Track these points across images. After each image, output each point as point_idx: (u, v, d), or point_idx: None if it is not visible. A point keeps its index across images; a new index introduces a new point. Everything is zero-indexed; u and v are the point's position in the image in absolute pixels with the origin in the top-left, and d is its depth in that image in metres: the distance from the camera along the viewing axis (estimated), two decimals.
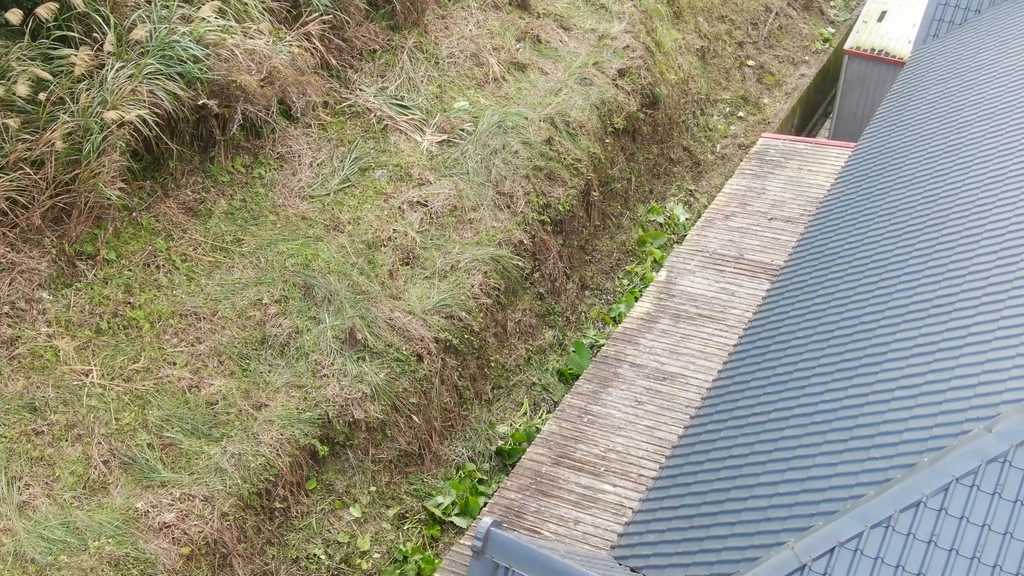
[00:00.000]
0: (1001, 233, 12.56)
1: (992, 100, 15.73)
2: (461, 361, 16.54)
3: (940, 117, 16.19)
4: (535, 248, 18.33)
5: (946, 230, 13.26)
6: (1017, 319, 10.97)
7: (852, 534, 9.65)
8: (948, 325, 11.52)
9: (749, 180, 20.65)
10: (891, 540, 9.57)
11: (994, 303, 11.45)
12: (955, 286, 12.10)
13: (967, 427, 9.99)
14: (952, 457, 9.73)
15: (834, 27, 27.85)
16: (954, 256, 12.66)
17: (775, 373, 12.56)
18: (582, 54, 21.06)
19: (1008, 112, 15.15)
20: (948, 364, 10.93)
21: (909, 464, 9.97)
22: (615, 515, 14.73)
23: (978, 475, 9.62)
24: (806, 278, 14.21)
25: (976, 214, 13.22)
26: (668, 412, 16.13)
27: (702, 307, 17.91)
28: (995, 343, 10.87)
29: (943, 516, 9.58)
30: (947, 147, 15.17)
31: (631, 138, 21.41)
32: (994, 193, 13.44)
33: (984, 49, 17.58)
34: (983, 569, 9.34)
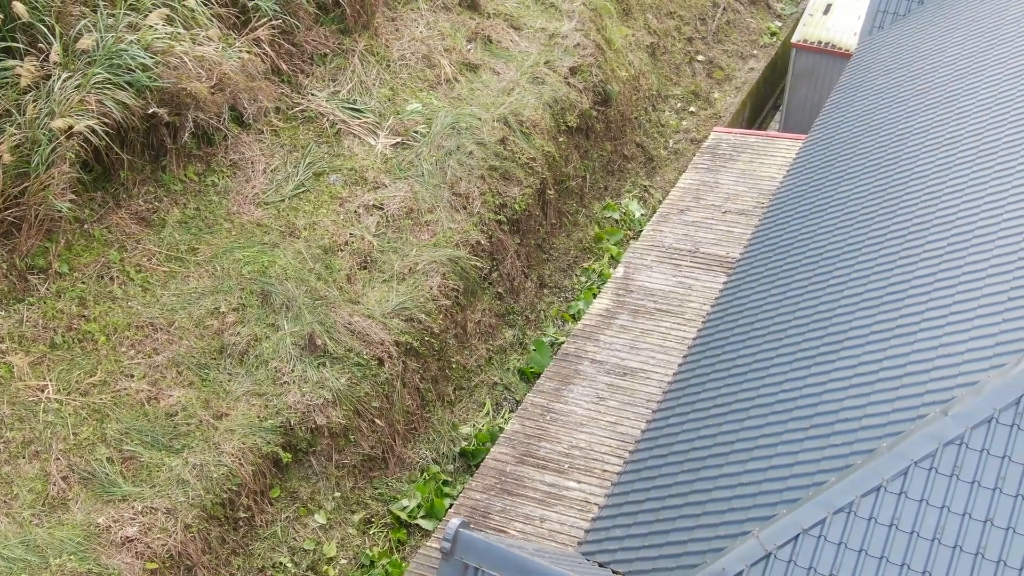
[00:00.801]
0: (950, 219, 12.78)
1: (938, 89, 15.99)
2: (422, 363, 16.51)
3: (887, 107, 16.43)
4: (492, 248, 18.35)
5: (897, 218, 13.46)
6: (969, 304, 11.16)
7: (815, 520, 9.77)
8: (902, 312, 11.69)
9: (702, 174, 20.83)
10: (853, 525, 9.71)
11: (946, 288, 11.64)
12: (908, 273, 12.29)
13: (924, 411, 10.16)
14: (910, 441, 9.89)
15: (781, 21, 28.15)
16: (906, 243, 12.85)
17: (734, 365, 12.68)
18: (533, 53, 21.11)
19: (953, 101, 15.41)
20: (903, 350, 11.10)
21: (869, 449, 10.12)
22: (581, 511, 14.81)
23: (936, 458, 9.79)
24: (762, 270, 14.36)
25: (926, 201, 13.43)
26: (630, 407, 16.24)
27: (660, 302, 18.04)
28: (948, 328, 11.06)
29: (903, 500, 9.73)
30: (895, 137, 15.40)
31: (585, 136, 21.50)
32: (942, 180, 13.67)
33: (928, 39, 17.86)
34: (943, 550, 9.50)
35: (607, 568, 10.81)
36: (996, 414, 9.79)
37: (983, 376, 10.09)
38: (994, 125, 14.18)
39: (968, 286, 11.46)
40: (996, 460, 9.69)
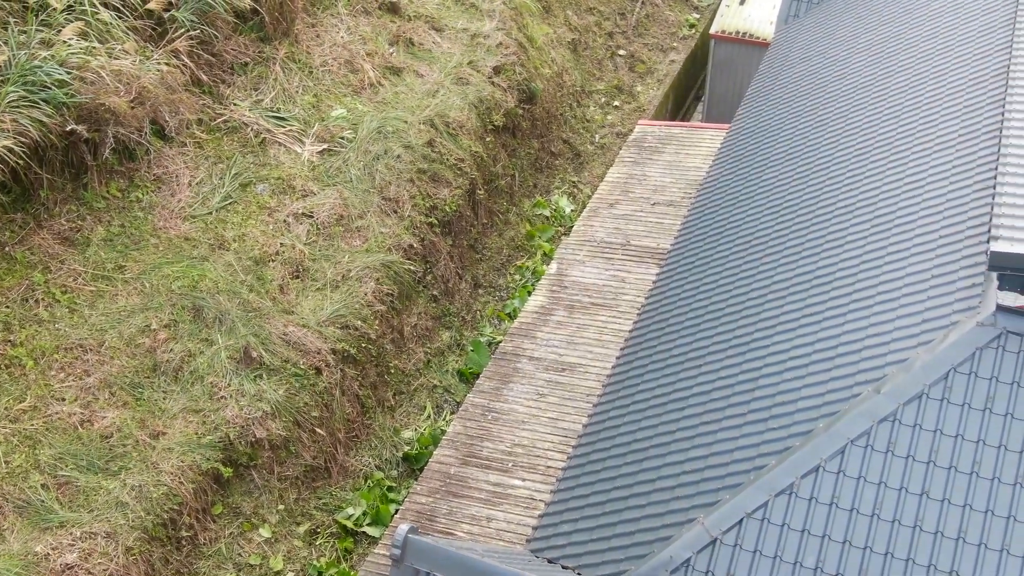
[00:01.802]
0: (873, 201, 13.06)
1: (854, 75, 16.33)
2: (360, 370, 16.42)
3: (807, 94, 16.74)
4: (425, 251, 18.31)
5: (822, 202, 13.73)
6: (895, 283, 11.43)
7: (758, 504, 9.94)
8: (831, 294, 11.93)
9: (629, 167, 21.01)
10: (795, 506, 9.89)
11: (872, 269, 11.91)
12: (835, 256, 12.54)
13: (857, 390, 10.38)
14: (845, 420, 10.10)
15: (699, 13, 28.50)
16: (831, 227, 13.11)
17: (671, 355, 12.82)
18: (456, 54, 21.10)
19: (870, 86, 15.76)
20: (834, 331, 11.33)
21: (806, 431, 10.31)
22: (527, 509, 14.86)
23: (871, 436, 10.02)
24: (693, 259, 14.54)
25: (848, 185, 13.72)
26: (570, 402, 16.34)
27: (594, 296, 18.17)
28: (876, 307, 11.31)
29: (842, 478, 9.94)
30: (816, 123, 15.70)
31: (511, 134, 21.56)
32: (863, 164, 13.97)
33: (843, 26, 18.24)
34: (883, 525, 9.73)
35: (556, 564, 10.87)
36: (926, 389, 10.06)
37: (912, 353, 10.35)
38: (910, 107, 14.54)
39: (893, 266, 11.73)
40: (928, 434, 9.95)
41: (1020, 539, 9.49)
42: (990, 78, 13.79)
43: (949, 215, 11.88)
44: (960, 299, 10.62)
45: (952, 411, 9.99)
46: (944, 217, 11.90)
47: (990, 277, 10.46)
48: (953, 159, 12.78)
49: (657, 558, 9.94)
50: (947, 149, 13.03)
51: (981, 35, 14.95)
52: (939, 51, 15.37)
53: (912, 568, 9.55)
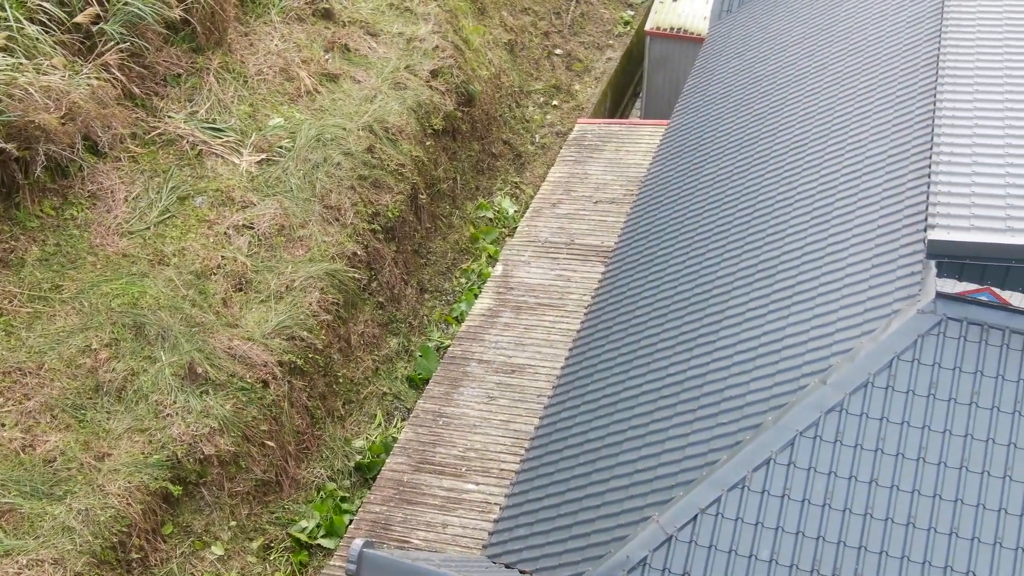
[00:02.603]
0: (812, 193, 13.22)
1: (789, 68, 16.51)
2: (308, 381, 16.25)
3: (743, 88, 16.89)
4: (369, 258, 18.18)
5: (761, 196, 13.86)
6: (836, 274, 11.57)
7: (711, 499, 10.01)
8: (775, 287, 12.05)
9: (571, 166, 21.05)
10: (748, 500, 9.97)
11: (814, 261, 12.04)
12: (776, 249, 12.67)
13: (804, 382, 10.50)
14: (793, 413, 10.21)
15: (633, 10, 28.64)
16: (772, 220, 13.24)
17: (620, 353, 12.86)
18: (393, 59, 20.98)
19: (804, 78, 15.94)
20: (779, 324, 11.44)
21: (756, 425, 10.40)
22: (482, 513, 14.81)
23: (819, 426, 10.13)
24: (637, 257, 14.60)
25: (787, 177, 13.86)
26: (521, 404, 16.32)
27: (541, 296, 18.17)
28: (819, 299, 11.45)
29: (792, 470, 10.04)
30: (753, 117, 15.85)
31: (451, 137, 21.49)
32: (801, 156, 14.13)
33: (775, 19, 18.43)
34: (834, 515, 9.85)
35: (514, 569, 10.84)
36: (871, 378, 10.20)
37: (856, 343, 10.49)
38: (844, 98, 14.73)
39: (834, 257, 11.87)
40: (875, 422, 10.09)
41: (968, 522, 9.66)
42: (921, 67, 14.02)
43: (886, 205, 12.06)
44: (900, 288, 10.78)
45: (897, 398, 10.14)
46: (881, 207, 12.08)
47: (928, 265, 10.64)
48: (888, 149, 12.97)
49: (614, 558, 9.96)
50: (882, 139, 13.23)
51: (910, 25, 15.20)
52: (870, 42, 15.59)
53: (864, 555, 9.68)
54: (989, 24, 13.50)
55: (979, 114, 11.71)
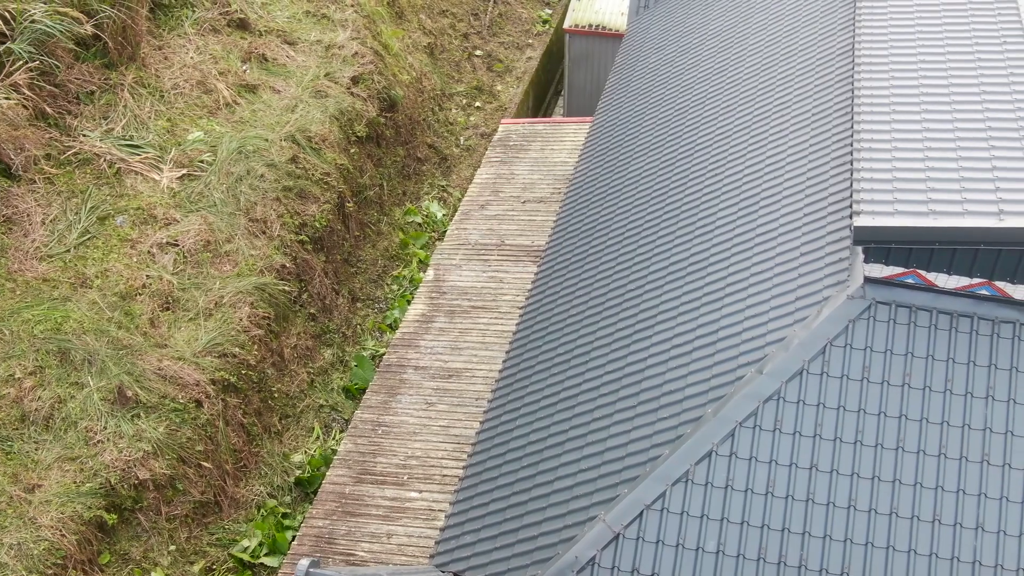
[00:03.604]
0: (738, 185, 13.35)
1: (708, 61, 16.67)
2: (243, 398, 15.98)
3: (664, 83, 17.01)
4: (299, 269, 17.94)
5: (689, 190, 13.96)
6: (767, 263, 11.69)
7: (656, 495, 10.03)
8: (707, 279, 12.14)
9: (497, 167, 21.03)
10: (692, 493, 10.02)
11: (743, 251, 12.16)
12: (706, 241, 12.77)
13: (740, 372, 10.58)
14: (732, 404, 10.29)
15: (551, 8, 28.70)
16: (700, 213, 13.34)
17: (557, 352, 12.85)
18: (312, 67, 20.73)
19: (724, 71, 16.10)
20: (713, 316, 11.53)
21: (696, 418, 10.46)
22: (426, 521, 14.72)
23: (758, 416, 10.22)
24: (569, 255, 14.61)
25: (713, 170, 13.98)
26: (460, 408, 16.25)
27: (474, 299, 18.12)
28: (751, 289, 11.56)
29: (734, 460, 10.12)
30: (676, 111, 15.97)
31: (376, 144, 21.31)
32: (725, 148, 14.26)
33: (692, 13, 18.60)
34: (777, 502, 9.94)
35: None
36: (806, 365, 10.32)
37: (789, 331, 10.61)
38: (764, 89, 14.91)
39: (763, 247, 12.00)
40: (812, 409, 10.21)
41: (907, 501, 9.83)
42: (837, 56, 14.25)
43: (811, 194, 12.23)
44: (829, 274, 10.93)
45: (832, 384, 10.28)
46: (807, 196, 12.24)
47: (855, 251, 10.80)
48: (809, 138, 13.15)
49: (562, 559, 9.94)
50: (803, 129, 13.41)
51: (825, 14, 15.44)
52: (786, 33, 15.81)
53: (808, 540, 9.79)
54: (901, 11, 13.77)
55: (896, 100, 11.92)
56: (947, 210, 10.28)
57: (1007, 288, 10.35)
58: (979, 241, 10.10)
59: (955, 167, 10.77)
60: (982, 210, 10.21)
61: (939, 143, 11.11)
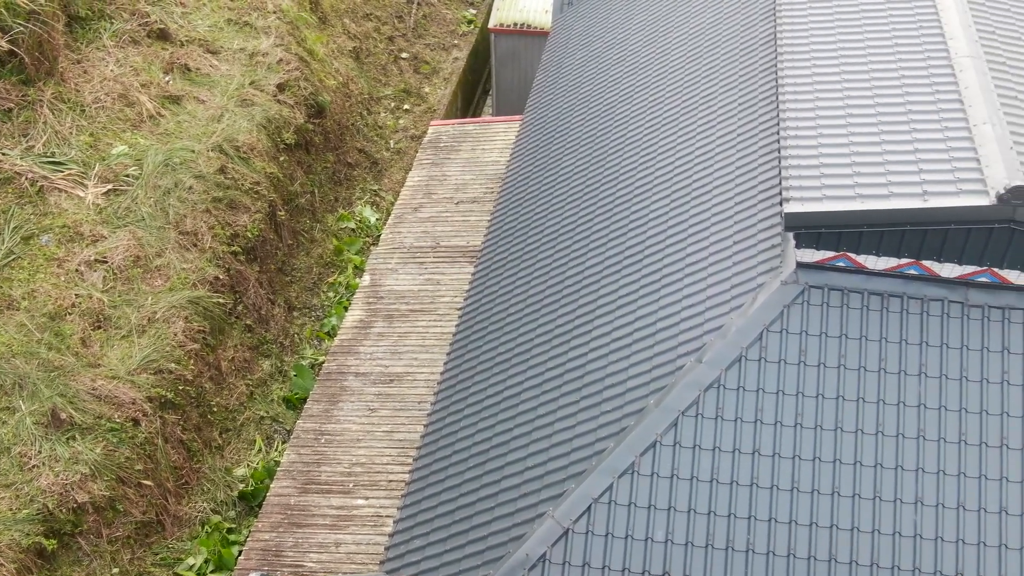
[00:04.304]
0: (669, 177, 13.47)
1: (634, 56, 16.80)
2: (181, 414, 15.73)
3: (592, 79, 17.10)
4: (232, 281, 17.71)
5: (621, 184, 14.06)
6: (701, 253, 11.82)
7: (603, 488, 10.09)
8: (643, 272, 12.23)
9: (428, 169, 20.97)
10: (638, 484, 10.09)
11: (677, 243, 12.27)
12: (640, 234, 12.86)
13: (681, 362, 10.69)
14: (674, 394, 10.38)
15: (475, 8, 28.70)
16: (633, 206, 13.44)
17: (498, 352, 12.86)
18: (236, 76, 20.47)
19: (650, 65, 16.24)
20: (651, 308, 11.62)
21: (639, 409, 10.54)
22: (375, 528, 14.63)
23: (699, 404, 10.33)
24: (505, 254, 14.62)
25: (643, 164, 14.10)
26: (403, 413, 16.18)
27: (412, 302, 18.04)
28: (686, 279, 11.67)
29: (678, 450, 10.21)
30: (604, 106, 16.06)
31: (305, 151, 21.12)
32: (654, 141, 14.39)
33: (616, 9, 18.73)
34: (722, 488, 10.05)
35: None
36: (744, 352, 10.45)
37: (726, 319, 10.74)
38: (690, 81, 15.07)
39: (697, 237, 12.13)
40: (752, 395, 10.34)
41: (847, 481, 10.01)
42: (760, 46, 14.45)
43: (741, 183, 12.38)
44: (763, 261, 11.09)
45: (770, 369, 10.42)
46: (737, 185, 12.39)
47: (787, 237, 10.96)
48: (737, 128, 13.32)
49: (513, 558, 9.94)
50: (730, 119, 13.58)
51: (746, 4, 15.64)
52: (710, 24, 15.99)
53: (754, 524, 9.91)
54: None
55: (819, 88, 12.13)
56: (873, 193, 10.48)
57: (934, 267, 10.59)
58: (905, 222, 10.32)
59: (879, 151, 10.99)
60: (907, 192, 10.43)
61: (863, 128, 11.33)
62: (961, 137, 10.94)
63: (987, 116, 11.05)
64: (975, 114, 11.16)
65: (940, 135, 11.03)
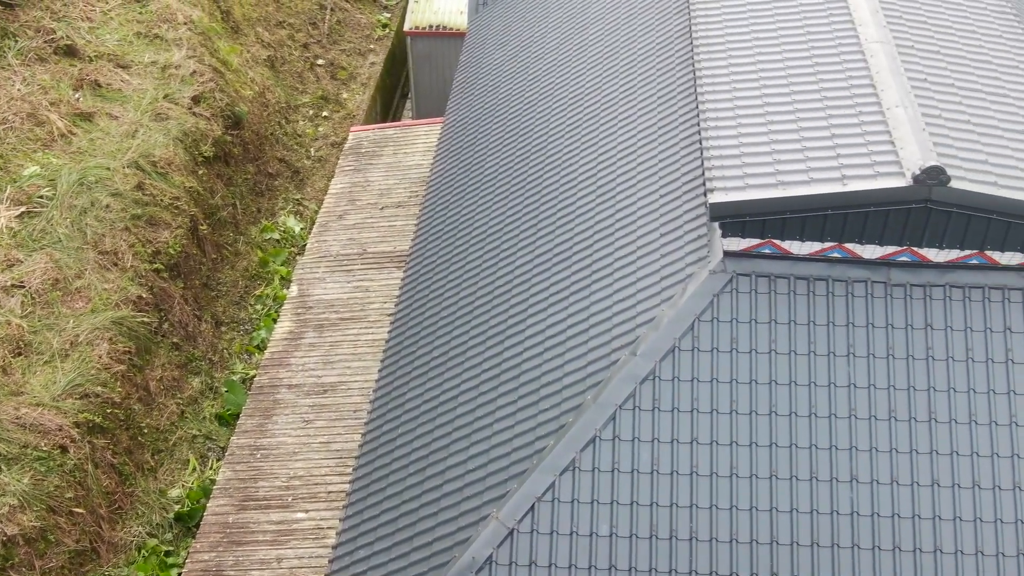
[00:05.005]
0: (593, 172, 13.55)
1: (552, 53, 16.86)
2: (111, 438, 15.38)
3: (511, 78, 17.13)
4: (157, 299, 17.37)
5: (546, 181, 14.10)
6: (629, 247, 11.91)
7: (545, 486, 10.11)
8: (573, 268, 12.28)
9: (351, 176, 20.81)
10: (580, 480, 10.14)
11: (606, 237, 12.35)
12: (568, 230, 12.92)
13: (615, 356, 10.75)
14: (610, 388, 10.45)
15: (389, 12, 28.56)
16: (559, 204, 13.49)
17: (433, 356, 12.80)
18: (149, 90, 20.07)
19: (568, 61, 16.31)
20: (583, 304, 11.67)
21: (577, 406, 10.58)
22: (317, 540, 14.48)
23: (636, 397, 10.41)
24: (434, 257, 14.57)
25: (567, 161, 14.16)
26: (339, 423, 16.03)
27: (341, 311, 17.89)
28: (616, 274, 11.75)
29: (617, 443, 10.28)
30: (525, 105, 16.10)
31: (224, 163, 20.80)
32: (576, 138, 14.45)
33: (532, 7, 18.78)
34: (663, 479, 10.15)
35: None
36: (677, 343, 10.56)
37: (658, 311, 10.83)
38: (609, 76, 15.17)
39: (624, 231, 12.22)
40: (687, 384, 10.45)
41: (784, 463, 10.17)
42: (675, 38, 14.61)
43: (665, 175, 12.51)
44: (690, 252, 11.21)
45: (703, 358, 10.54)
46: (660, 178, 12.51)
47: (713, 227, 11.10)
48: (658, 121, 13.45)
49: (460, 562, 9.92)
50: (650, 112, 13.70)
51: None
52: (625, 19, 16.12)
53: (696, 513, 10.02)
54: None
55: (736, 78, 12.30)
56: (794, 180, 10.67)
57: (856, 249, 10.81)
58: (826, 207, 10.52)
59: (797, 138, 11.18)
60: (826, 176, 10.63)
61: (781, 116, 11.52)
62: (875, 121, 11.19)
63: (899, 99, 11.32)
64: (887, 98, 11.42)
65: (855, 120, 11.26)
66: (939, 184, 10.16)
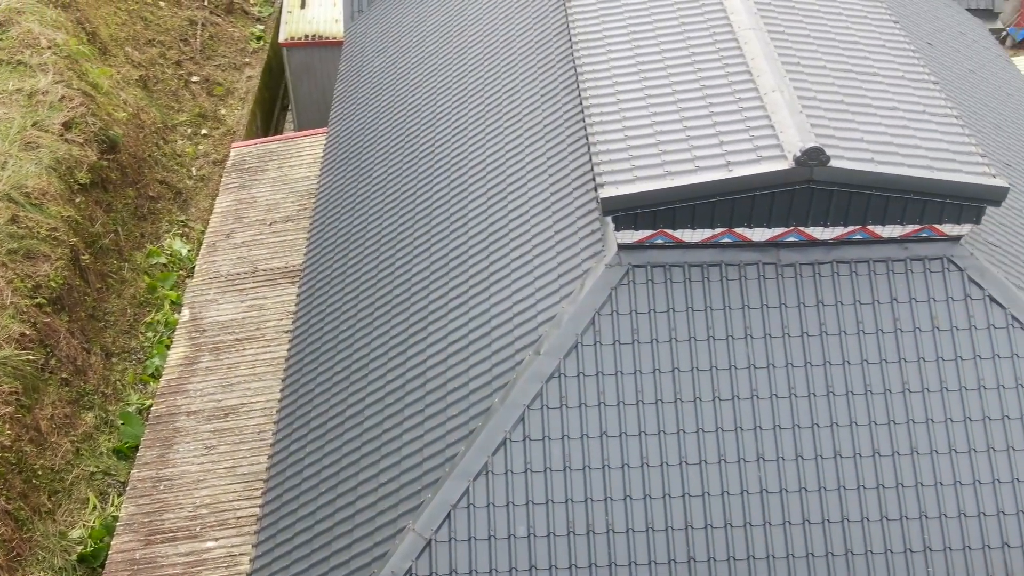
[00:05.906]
0: (482, 174, 13.54)
1: (432, 57, 16.79)
2: (3, 483, 14.76)
3: (393, 84, 17.01)
4: (41, 335, 16.73)
5: (436, 186, 14.04)
6: (525, 247, 11.93)
7: (460, 493, 10.08)
8: (470, 271, 12.25)
9: (236, 193, 20.39)
10: (494, 484, 10.13)
11: (501, 238, 12.35)
12: (463, 234, 12.88)
13: (520, 357, 10.77)
14: (517, 389, 10.46)
15: (262, 24, 28.07)
16: (451, 208, 13.44)
17: (335, 371, 12.63)
18: (16, 118, 19.31)
19: (449, 64, 16.27)
20: (484, 307, 11.66)
21: (485, 410, 10.56)
22: (229, 568, 14.16)
23: (543, 396, 10.45)
24: (329, 270, 14.38)
25: (455, 164, 14.12)
26: (243, 446, 15.71)
27: (237, 332, 17.52)
28: (514, 274, 11.76)
29: (528, 443, 10.30)
30: (409, 111, 16.00)
31: (102, 189, 20.15)
32: (463, 140, 14.43)
33: (408, 11, 18.67)
34: (576, 475, 10.21)
35: None
36: (579, 339, 10.63)
37: (558, 308, 10.88)
38: (491, 78, 15.18)
39: (519, 231, 12.24)
40: (592, 379, 10.54)
41: (692, 449, 10.33)
42: (554, 36, 14.70)
43: (554, 173, 12.57)
44: (585, 247, 11.30)
45: (606, 352, 10.64)
46: (550, 175, 12.57)
47: (606, 221, 11.20)
48: (543, 119, 13.51)
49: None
50: (534, 111, 13.75)
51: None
52: (503, 19, 16.15)
53: (610, 505, 10.11)
54: None
55: (617, 73, 12.41)
56: (681, 169, 10.82)
57: (746, 232, 11.04)
58: (714, 193, 10.70)
59: (681, 128, 11.35)
60: (712, 164, 10.82)
61: (663, 108, 11.68)
62: (754, 107, 11.44)
63: (775, 84, 11.59)
64: (764, 83, 11.69)
65: (735, 107, 11.49)
66: (819, 164, 10.44)
